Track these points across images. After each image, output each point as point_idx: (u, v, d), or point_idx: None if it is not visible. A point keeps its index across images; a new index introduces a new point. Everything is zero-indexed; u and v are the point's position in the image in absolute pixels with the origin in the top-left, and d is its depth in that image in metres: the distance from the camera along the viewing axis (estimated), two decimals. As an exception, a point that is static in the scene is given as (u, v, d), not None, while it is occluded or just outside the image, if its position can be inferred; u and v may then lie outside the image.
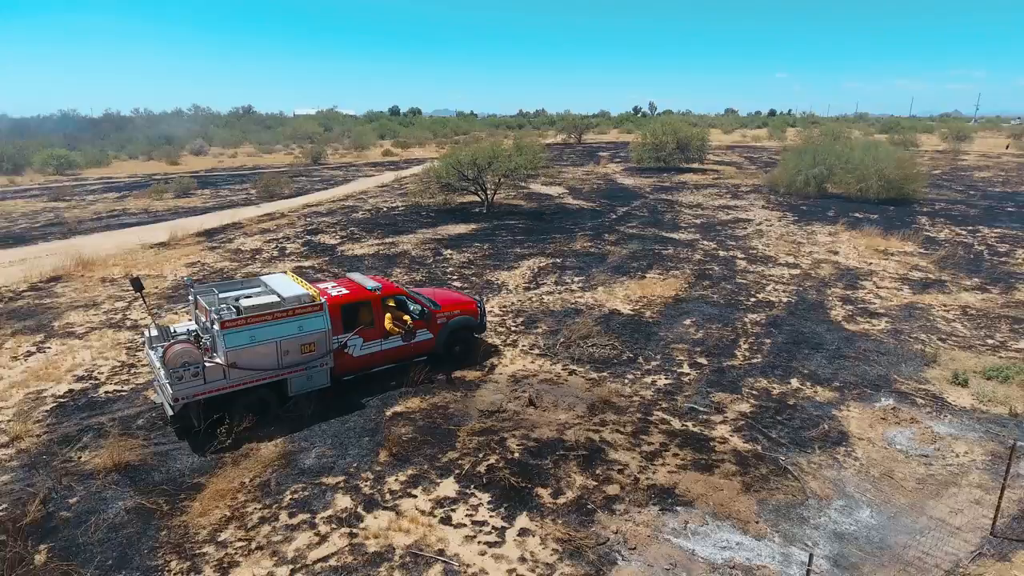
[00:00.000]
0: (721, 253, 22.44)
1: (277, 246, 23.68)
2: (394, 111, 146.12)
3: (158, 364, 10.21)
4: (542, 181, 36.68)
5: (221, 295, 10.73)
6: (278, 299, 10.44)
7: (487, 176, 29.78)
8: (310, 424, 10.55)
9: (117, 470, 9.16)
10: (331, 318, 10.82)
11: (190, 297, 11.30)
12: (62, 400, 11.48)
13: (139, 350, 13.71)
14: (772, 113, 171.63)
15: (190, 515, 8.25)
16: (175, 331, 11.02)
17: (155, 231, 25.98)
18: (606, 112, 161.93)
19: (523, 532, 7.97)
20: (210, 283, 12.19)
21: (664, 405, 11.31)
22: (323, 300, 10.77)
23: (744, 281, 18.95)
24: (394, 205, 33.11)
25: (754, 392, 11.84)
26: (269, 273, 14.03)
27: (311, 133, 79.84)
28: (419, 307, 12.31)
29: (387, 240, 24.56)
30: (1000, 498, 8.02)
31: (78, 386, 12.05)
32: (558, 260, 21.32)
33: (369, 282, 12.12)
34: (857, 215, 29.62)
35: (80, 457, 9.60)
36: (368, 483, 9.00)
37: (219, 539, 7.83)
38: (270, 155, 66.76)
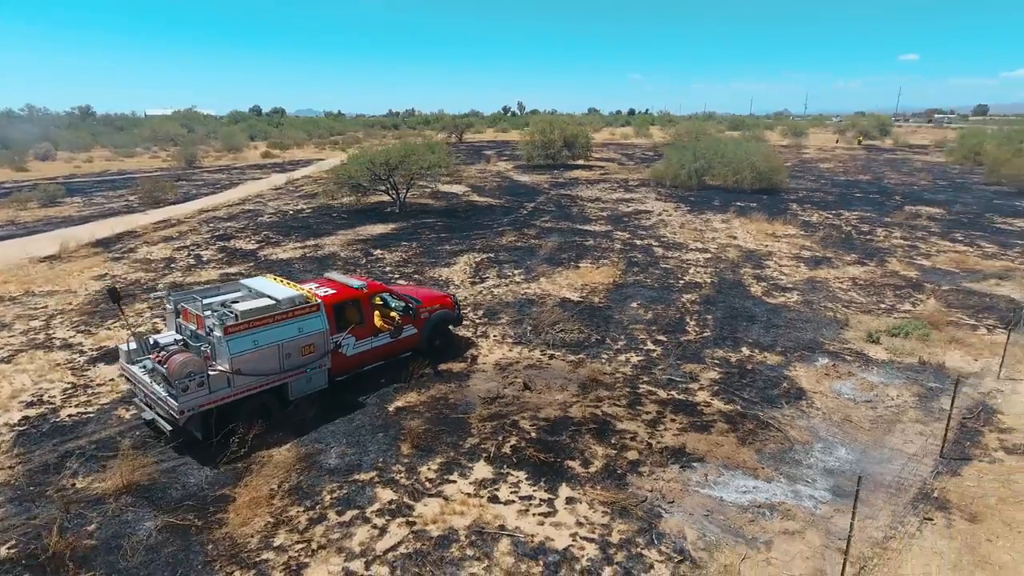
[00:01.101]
0: (637, 242, 24.12)
1: (190, 254, 22.20)
2: (256, 111, 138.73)
3: (147, 378, 9.65)
4: (444, 180, 36.97)
5: (206, 301, 10.26)
6: (274, 301, 10.15)
7: (398, 175, 29.62)
8: (314, 427, 10.40)
9: (128, 492, 8.59)
10: (327, 318, 10.71)
11: (168, 306, 10.70)
12: (21, 428, 10.39)
13: (85, 370, 12.60)
14: (632, 112, 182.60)
15: (231, 526, 8.00)
16: (157, 342, 10.29)
17: (37, 243, 23.31)
18: (477, 112, 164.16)
19: (570, 501, 8.56)
20: (188, 290, 11.54)
21: (645, 379, 12.33)
22: (319, 300, 10.63)
23: (667, 266, 20.62)
24: (299, 208, 31.94)
25: (716, 361, 13.19)
26: (248, 276, 13.43)
27: (173, 135, 73.94)
28: (402, 303, 12.43)
29: (309, 243, 23.84)
30: (947, 427, 9.80)
31: (32, 412, 10.93)
32: (491, 255, 21.90)
33: (353, 280, 12.05)
34: (739, 204, 32.82)
35: (75, 484, 8.86)
36: (402, 475, 9.14)
37: (275, 544, 7.69)
38: (132, 159, 61.16)
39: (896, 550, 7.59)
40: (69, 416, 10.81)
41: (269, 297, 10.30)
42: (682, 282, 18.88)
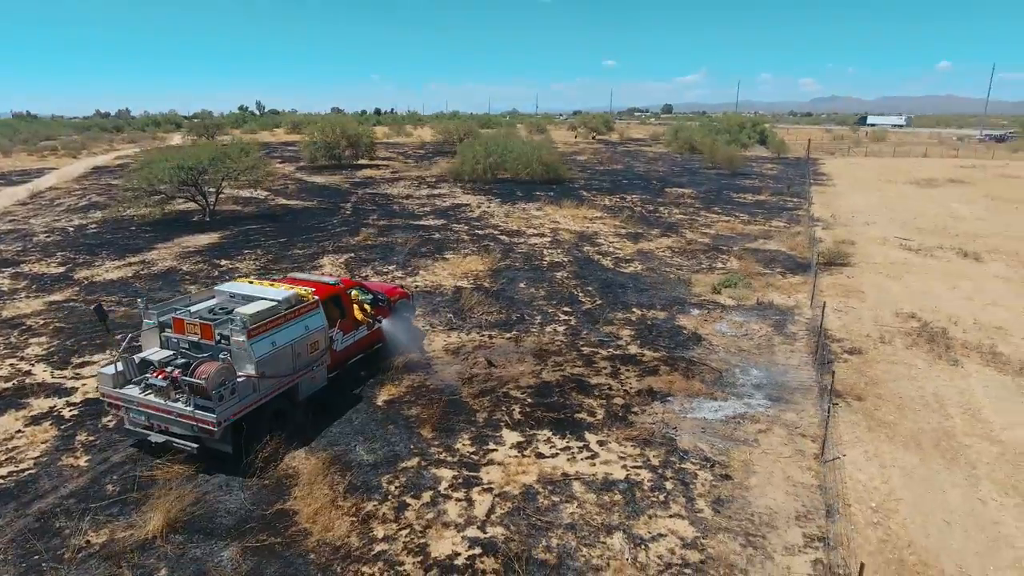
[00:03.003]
0: (479, 232, 25.72)
1: (-25, 285, 18.01)
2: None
3: (157, 398, 8.81)
4: (235, 185, 34.32)
5: (193, 310, 9.67)
6: (276, 302, 9.71)
7: (206, 180, 27.04)
8: (314, 434, 10.13)
9: (174, 529, 7.75)
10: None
11: (149, 321, 9.62)
12: (-50, 501, 8.35)
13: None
14: (378, 112, 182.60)
15: (317, 535, 7.80)
16: (148, 360, 9.31)
17: None
18: (208, 112, 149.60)
19: (601, 443, 9.93)
20: (163, 303, 10.28)
21: (581, 343, 14.07)
22: (316, 297, 10.47)
23: (523, 251, 22.62)
24: (81, 223, 27.14)
25: (622, 322, 15.48)
26: (223, 282, 12.03)
27: None
28: (371, 296, 12.50)
29: (132, 260, 20.85)
30: (819, 343, 13.25)
31: (-56, 482, 8.76)
32: (352, 255, 21.67)
33: (325, 277, 11.98)
34: (539, 194, 36.29)
35: (89, 541, 7.64)
36: (444, 454, 9.59)
37: (378, 537, 7.78)
38: None
39: (831, 426, 10.44)
40: (11, 475, 8.93)
41: (267, 299, 9.80)
42: (545, 263, 21.01)
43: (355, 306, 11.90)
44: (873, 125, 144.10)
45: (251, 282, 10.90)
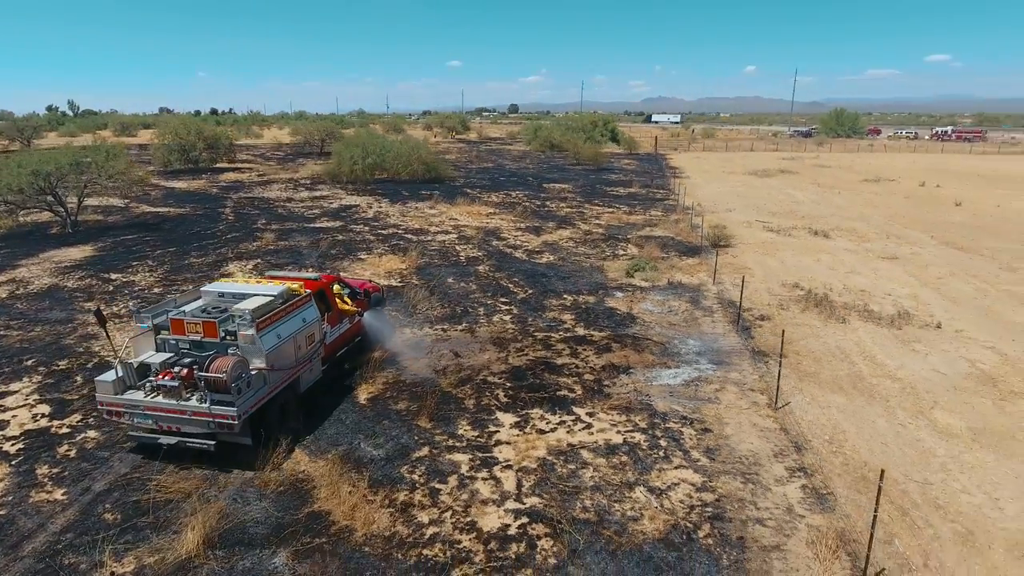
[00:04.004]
0: (382, 232, 25.52)
1: None
2: None
3: (169, 400, 8.63)
4: (98, 193, 30.97)
5: (189, 309, 9.62)
6: (272, 297, 9.67)
7: (66, 188, 24.19)
8: (306, 430, 9.99)
9: (210, 545, 7.40)
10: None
11: (143, 325, 9.30)
12: (-85, 555, 7.24)
13: None
14: (214, 112, 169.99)
15: (362, 531, 7.80)
16: (148, 364, 9.03)
17: None
18: (9, 112, 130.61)
19: (590, 415, 10.75)
20: (153, 306, 9.75)
21: (533, 328, 14.81)
22: (309, 291, 10.54)
23: (436, 248, 22.88)
24: None
25: (560, 307, 16.43)
26: (205, 283, 11.42)
27: None
28: (349, 290, 12.65)
29: (-3, 279, 18.32)
30: (739, 314, 15.06)
31: None
32: (260, 260, 20.67)
33: (305, 273, 12.10)
34: (424, 193, 36.44)
35: (114, 572, 7.09)
36: (451, 441, 9.88)
37: (424, 523, 7.98)
38: None
39: (772, 382, 12.08)
40: (-27, 520, 7.88)
41: (262, 295, 9.75)
42: (463, 258, 21.48)
43: (338, 300, 11.91)
44: (657, 123, 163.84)
45: (236, 281, 10.93)
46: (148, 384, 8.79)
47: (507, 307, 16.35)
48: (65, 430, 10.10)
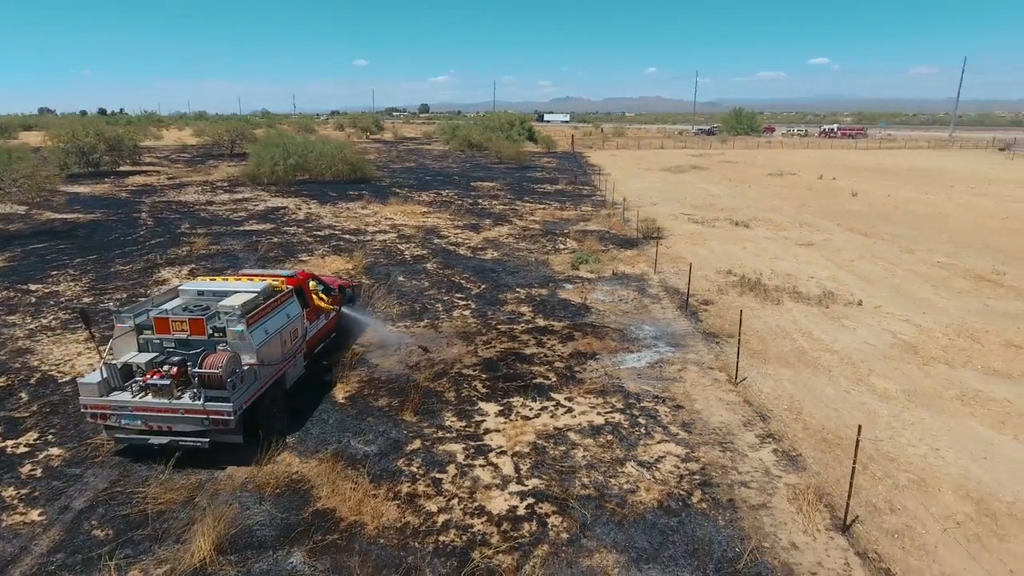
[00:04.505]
0: (319, 233, 24.96)
1: None
2: None
3: (160, 399, 8.48)
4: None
5: (172, 307, 9.49)
6: (254, 293, 9.63)
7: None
8: (290, 431, 9.84)
9: (220, 551, 7.22)
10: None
11: (124, 325, 8.98)
12: None
13: None
14: (103, 112, 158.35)
15: (373, 524, 7.82)
16: (135, 364, 8.82)
17: None
18: None
19: (568, 399, 11.17)
20: (132, 306, 9.46)
21: (494, 322, 15.08)
22: (290, 287, 10.54)
23: (379, 248, 22.66)
24: None
25: (516, 300, 16.79)
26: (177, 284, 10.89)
27: None
28: (323, 286, 12.64)
29: None
30: (687, 298, 15.94)
31: None
32: (195, 265, 19.77)
33: (281, 270, 11.89)
34: (351, 193, 35.80)
35: (121, 584, 6.81)
36: (439, 433, 10.01)
37: (433, 511, 8.10)
38: None
39: (727, 361, 12.96)
40: (-59, 551, 7.28)
41: (245, 292, 9.72)
42: (408, 256, 21.42)
43: (315, 296, 11.85)
44: (549, 122, 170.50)
45: (213, 279, 10.83)
46: (136, 384, 8.60)
47: (464, 302, 16.53)
48: (23, 449, 9.43)
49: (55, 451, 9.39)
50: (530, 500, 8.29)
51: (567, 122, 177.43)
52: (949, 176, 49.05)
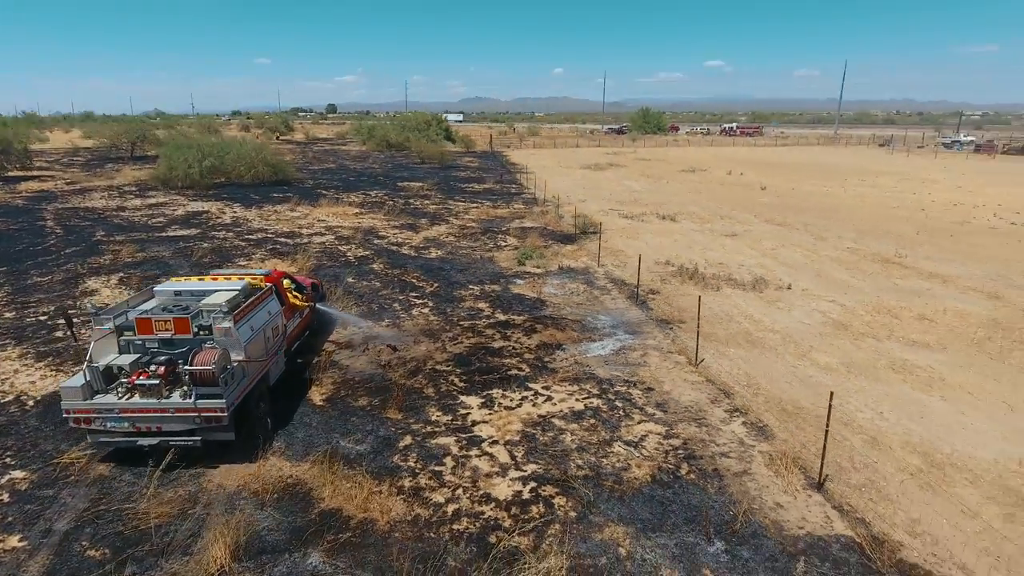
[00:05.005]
0: (251, 237, 24.08)
1: None
2: None
3: (149, 400, 8.35)
4: None
5: (149, 307, 9.49)
6: (235, 291, 9.63)
7: None
8: (275, 435, 9.68)
9: (235, 559, 7.07)
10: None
11: (103, 327, 8.78)
12: None
13: None
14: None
15: (384, 521, 7.87)
16: (118, 367, 8.61)
17: None
18: None
19: (545, 388, 11.54)
20: (110, 308, 9.20)
21: (456, 318, 15.23)
22: (269, 284, 10.55)
23: (320, 250, 22.17)
24: None
25: (472, 296, 17.00)
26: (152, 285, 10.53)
27: None
28: (295, 284, 12.54)
29: None
30: (637, 288, 16.70)
31: None
32: (124, 273, 18.64)
33: (254, 269, 12.03)
34: (275, 195, 34.63)
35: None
36: (430, 427, 10.12)
37: (440, 502, 8.25)
38: None
39: (684, 344, 13.77)
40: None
41: (226, 290, 9.74)
42: (352, 258, 21.12)
43: (289, 294, 11.71)
44: (450, 121, 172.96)
45: (187, 279, 10.70)
46: (122, 386, 8.43)
47: (420, 301, 16.56)
48: (-20, 475, 8.75)
49: (19, 474, 8.78)
50: (532, 484, 8.59)
51: (461, 122, 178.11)
52: (841, 170, 53.39)
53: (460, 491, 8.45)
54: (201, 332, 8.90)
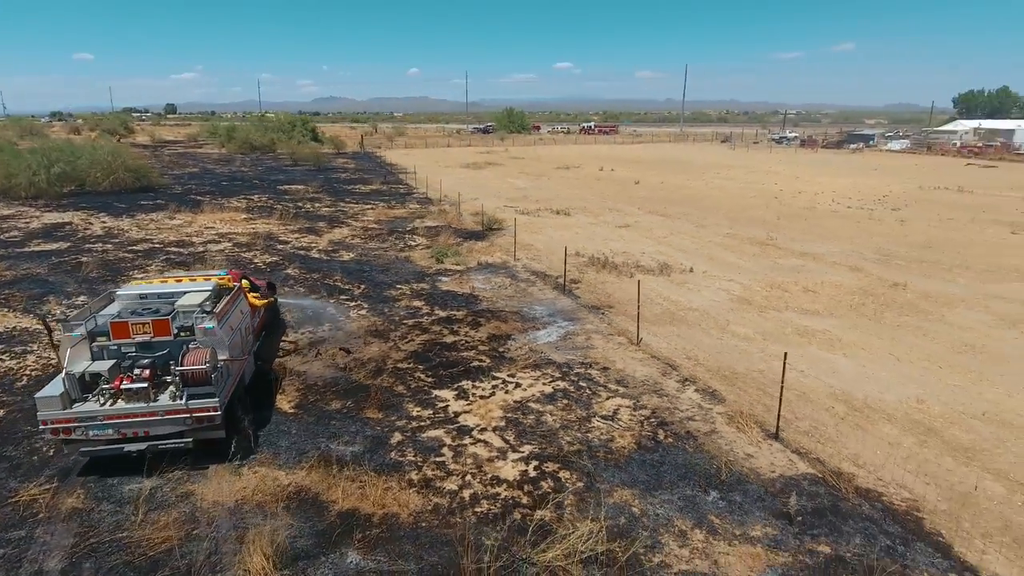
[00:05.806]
0: (137, 248, 22.11)
1: None
2: None
3: (136, 403, 8.18)
4: None
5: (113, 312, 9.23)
6: (207, 292, 9.65)
7: None
8: (257, 447, 9.42)
9: (276, 567, 6.93)
10: None
11: (72, 334, 8.42)
12: None
13: None
14: None
15: (407, 514, 8.01)
16: (96, 373, 8.29)
17: None
18: None
19: (511, 376, 12.05)
20: (77, 314, 8.97)
21: (397, 319, 15.25)
22: (237, 284, 10.51)
23: (221, 258, 20.94)
24: None
25: (404, 295, 17.04)
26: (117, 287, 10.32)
27: None
28: (251, 284, 12.37)
29: None
30: (565, 280, 17.62)
31: None
32: (14, 289, 16.57)
33: (213, 271, 11.96)
34: (143, 203, 31.92)
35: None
36: (415, 422, 10.25)
37: (455, 490, 8.51)
38: None
39: (621, 326, 14.87)
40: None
41: (197, 291, 9.74)
42: (260, 264, 20.19)
43: (247, 294, 11.39)
44: None
45: (150, 282, 10.54)
46: (104, 392, 8.12)
47: (354, 303, 16.35)
48: (-74, 524, 7.71)
49: (-24, 516, 7.84)
50: (535, 463, 9.10)
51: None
52: (697, 165, 58.49)
53: (469, 477, 8.77)
54: (183, 333, 8.73)
